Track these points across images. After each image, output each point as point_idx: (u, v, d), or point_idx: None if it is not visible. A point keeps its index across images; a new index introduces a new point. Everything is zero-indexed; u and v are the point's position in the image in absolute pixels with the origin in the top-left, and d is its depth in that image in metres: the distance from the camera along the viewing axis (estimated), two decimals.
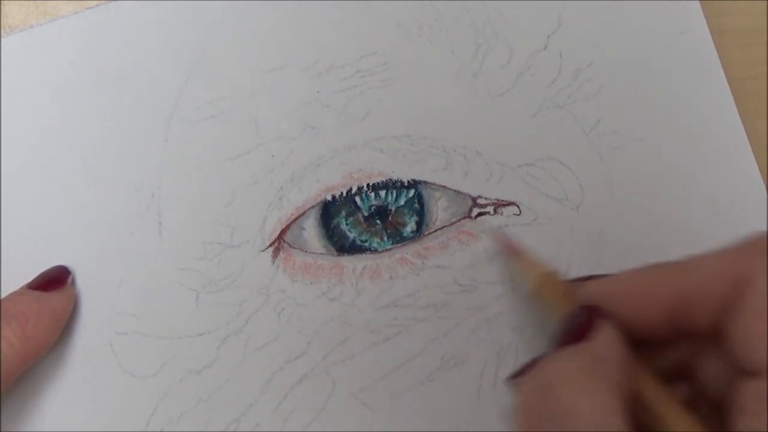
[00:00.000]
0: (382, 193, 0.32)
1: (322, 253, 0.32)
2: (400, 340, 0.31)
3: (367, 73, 0.33)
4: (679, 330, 0.25)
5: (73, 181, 0.32)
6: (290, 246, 0.32)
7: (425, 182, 0.32)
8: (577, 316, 0.26)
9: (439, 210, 0.32)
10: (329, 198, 0.32)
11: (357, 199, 0.32)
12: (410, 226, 0.32)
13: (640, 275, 0.26)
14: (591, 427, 0.22)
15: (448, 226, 0.32)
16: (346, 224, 0.32)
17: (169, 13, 0.33)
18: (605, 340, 0.25)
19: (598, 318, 0.25)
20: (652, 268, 0.26)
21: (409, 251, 0.32)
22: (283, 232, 0.32)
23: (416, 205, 0.32)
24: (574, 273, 0.31)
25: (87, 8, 0.33)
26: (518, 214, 0.32)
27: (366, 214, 0.32)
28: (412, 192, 0.32)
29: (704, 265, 0.25)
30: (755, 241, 0.25)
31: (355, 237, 0.32)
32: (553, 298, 0.28)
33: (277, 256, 0.32)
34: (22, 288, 0.30)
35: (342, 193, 0.32)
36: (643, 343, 0.26)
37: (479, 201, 0.32)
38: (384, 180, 0.32)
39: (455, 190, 0.32)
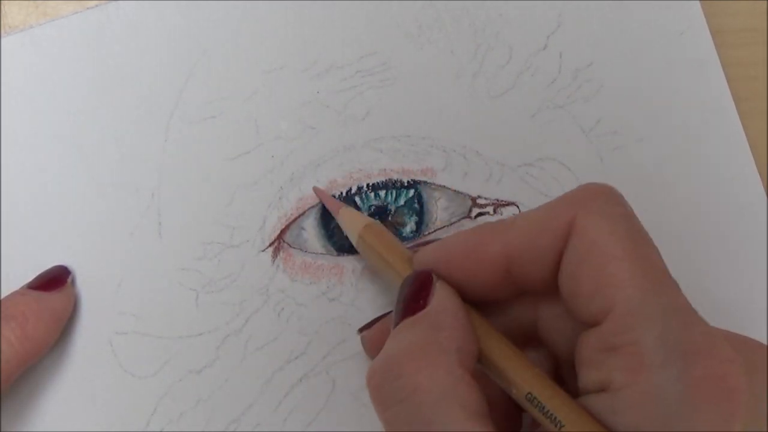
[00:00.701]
0: (382, 193, 0.32)
1: (321, 253, 0.32)
2: None
3: (367, 73, 0.33)
4: (518, 289, 0.25)
5: (73, 181, 0.32)
6: (290, 246, 0.32)
7: (425, 182, 0.32)
8: (412, 283, 0.26)
9: (438, 210, 0.32)
10: None
11: (357, 199, 0.32)
12: (410, 226, 0.32)
13: (469, 235, 0.26)
14: (435, 401, 0.22)
15: (447, 226, 0.32)
16: None
17: (169, 13, 0.33)
18: (441, 306, 0.25)
19: (431, 284, 0.25)
20: (481, 227, 0.26)
21: None
22: (283, 232, 0.32)
23: (416, 205, 0.32)
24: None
25: (87, 8, 0.33)
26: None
27: (366, 214, 0.32)
28: (411, 192, 0.32)
29: (532, 220, 0.25)
30: (579, 190, 0.25)
31: None
32: (378, 249, 0.28)
33: (277, 256, 0.32)
34: (22, 288, 0.30)
35: (342, 193, 0.32)
36: (486, 304, 0.26)
37: (479, 201, 0.32)
38: (384, 180, 0.32)
39: (455, 190, 0.32)
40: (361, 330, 0.31)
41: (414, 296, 0.25)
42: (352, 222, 0.30)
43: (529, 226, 0.25)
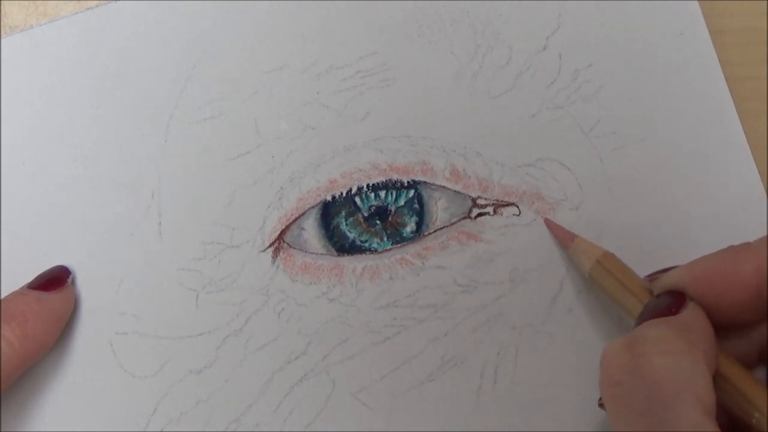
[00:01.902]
0: (382, 193, 0.32)
1: (321, 254, 0.32)
2: (400, 340, 0.31)
3: (366, 73, 0.33)
4: (764, 309, 0.25)
5: (73, 181, 0.32)
6: (290, 246, 0.32)
7: (425, 182, 0.32)
8: (663, 299, 0.26)
9: (438, 210, 0.32)
10: (329, 198, 0.32)
11: (357, 199, 0.32)
12: (410, 227, 0.32)
13: (721, 256, 0.26)
14: (677, 385, 0.22)
15: (447, 226, 0.32)
16: (346, 224, 0.32)
17: (169, 13, 0.33)
18: (693, 316, 0.25)
19: (683, 299, 0.25)
20: (732, 248, 0.26)
21: (408, 251, 0.32)
22: (283, 232, 0.32)
23: (416, 206, 0.32)
24: (575, 273, 0.31)
25: (87, 8, 0.33)
26: (518, 215, 0.32)
27: (366, 214, 0.32)
28: (411, 192, 0.32)
29: None
30: None
31: (354, 237, 0.32)
32: (615, 278, 0.28)
33: (277, 257, 0.32)
34: (22, 288, 0.30)
35: (342, 194, 0.32)
36: (725, 329, 0.26)
37: (479, 201, 0.32)
38: (384, 180, 0.32)
39: (455, 191, 0.32)
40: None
41: (667, 306, 0.25)
42: (586, 250, 0.30)
43: None
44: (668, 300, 0.25)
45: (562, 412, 0.31)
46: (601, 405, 0.28)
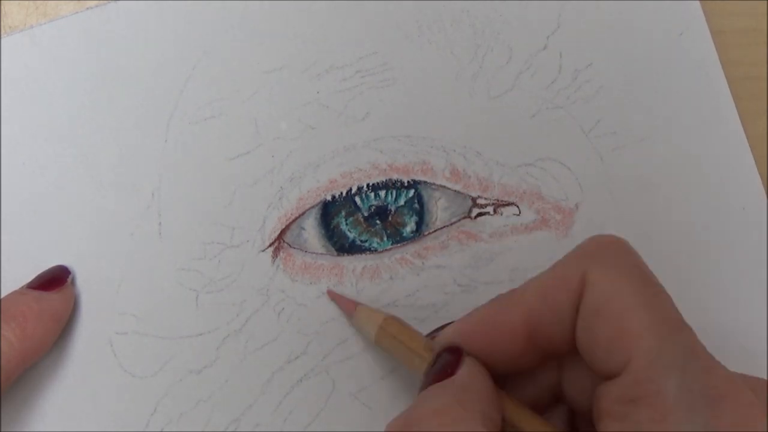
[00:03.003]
0: (382, 193, 0.32)
1: (322, 253, 0.32)
2: None
3: (367, 73, 0.33)
4: (542, 353, 0.25)
5: (73, 181, 0.32)
6: (290, 246, 0.32)
7: (425, 182, 0.32)
8: (442, 358, 0.26)
9: (438, 210, 0.32)
10: (329, 198, 0.32)
11: (357, 199, 0.32)
12: (410, 226, 0.32)
13: (486, 310, 0.26)
14: None
15: (447, 226, 0.32)
16: (346, 224, 0.32)
17: (169, 13, 0.33)
18: (468, 374, 0.25)
19: (459, 356, 0.25)
20: (497, 300, 0.26)
21: (408, 251, 0.32)
22: (283, 232, 0.32)
23: (416, 205, 0.32)
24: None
25: (87, 8, 0.33)
26: (518, 214, 0.32)
27: (366, 214, 0.32)
28: (411, 192, 0.32)
29: (544, 281, 0.25)
30: (587, 243, 0.25)
31: (354, 237, 0.32)
32: (399, 341, 0.28)
33: (277, 256, 0.32)
34: (22, 288, 0.30)
35: (342, 193, 0.32)
36: (511, 375, 0.26)
37: (479, 201, 0.32)
38: (384, 180, 0.32)
39: (455, 190, 0.32)
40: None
41: (444, 367, 0.25)
42: (370, 317, 0.30)
43: (542, 288, 0.25)
44: (446, 359, 0.25)
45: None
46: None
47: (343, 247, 0.32)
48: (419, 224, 0.32)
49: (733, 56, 0.34)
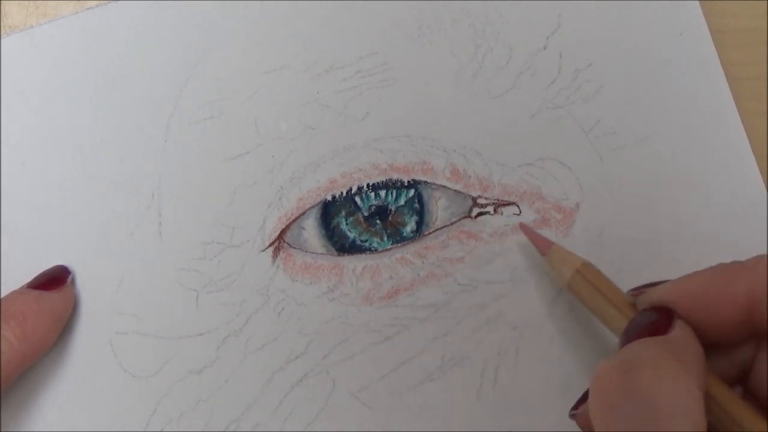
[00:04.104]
0: (382, 193, 0.32)
1: (322, 253, 0.32)
2: (400, 340, 0.31)
3: (367, 73, 0.33)
4: (752, 331, 0.25)
5: (73, 181, 0.32)
6: (290, 246, 0.32)
7: (425, 182, 0.32)
8: (650, 315, 0.25)
9: (439, 210, 0.32)
10: (329, 198, 0.32)
11: (357, 199, 0.32)
12: (410, 226, 0.32)
13: (712, 274, 0.25)
14: (673, 410, 0.21)
15: (448, 225, 0.32)
16: (346, 224, 0.32)
17: (169, 13, 0.33)
18: (684, 336, 0.24)
19: (671, 316, 0.25)
20: (723, 266, 0.25)
21: (409, 251, 0.32)
22: (283, 232, 0.32)
23: (416, 205, 0.32)
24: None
25: (87, 8, 0.33)
26: (518, 214, 0.32)
27: (366, 214, 0.32)
28: (412, 192, 0.32)
29: None
30: None
31: (355, 237, 0.32)
32: (596, 289, 0.28)
33: (277, 256, 0.32)
34: (22, 287, 0.30)
35: (342, 193, 0.32)
36: (708, 348, 0.25)
37: (479, 201, 0.32)
38: (384, 180, 0.32)
39: (455, 190, 0.32)
40: (575, 407, 0.28)
41: (654, 323, 0.24)
42: (566, 259, 0.29)
43: None
44: (656, 317, 0.25)
45: (563, 412, 0.31)
46: (572, 416, 0.28)
47: (344, 247, 0.32)
48: (419, 224, 0.32)
49: (733, 56, 0.34)
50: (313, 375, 0.31)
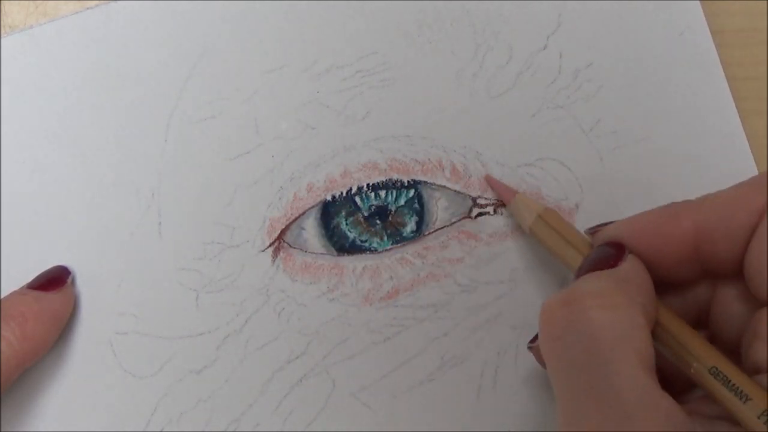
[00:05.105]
0: (382, 193, 0.32)
1: (322, 253, 0.32)
2: (400, 340, 0.31)
3: (367, 73, 0.33)
4: (702, 269, 0.25)
5: (73, 181, 0.32)
6: (290, 246, 0.32)
7: (425, 182, 0.32)
8: (602, 250, 0.26)
9: (439, 210, 0.32)
10: (329, 198, 0.32)
11: (357, 199, 0.32)
12: (410, 226, 0.32)
13: (660, 211, 0.26)
14: (614, 340, 0.22)
15: (448, 226, 0.32)
16: (346, 224, 0.32)
17: (169, 13, 0.33)
18: (632, 268, 0.25)
19: (622, 251, 0.25)
20: (672, 204, 0.26)
21: (409, 251, 0.32)
22: (283, 232, 0.32)
23: (416, 205, 0.32)
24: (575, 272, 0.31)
25: (87, 8, 0.33)
26: None
27: (366, 214, 0.32)
28: (412, 192, 0.32)
29: (725, 198, 0.25)
30: None
31: (355, 237, 0.32)
32: (556, 231, 0.28)
33: (277, 256, 0.32)
34: (22, 288, 0.30)
35: (342, 193, 0.32)
36: (664, 285, 0.26)
37: (479, 201, 0.32)
38: (384, 180, 0.32)
39: (455, 190, 0.32)
40: (531, 342, 0.29)
41: (605, 257, 0.25)
42: (528, 205, 0.30)
43: (722, 204, 0.25)
44: (607, 251, 0.26)
45: None
46: (529, 348, 0.29)
47: (344, 247, 0.32)
48: (419, 224, 0.32)
49: (733, 56, 0.34)
50: (313, 375, 0.31)
